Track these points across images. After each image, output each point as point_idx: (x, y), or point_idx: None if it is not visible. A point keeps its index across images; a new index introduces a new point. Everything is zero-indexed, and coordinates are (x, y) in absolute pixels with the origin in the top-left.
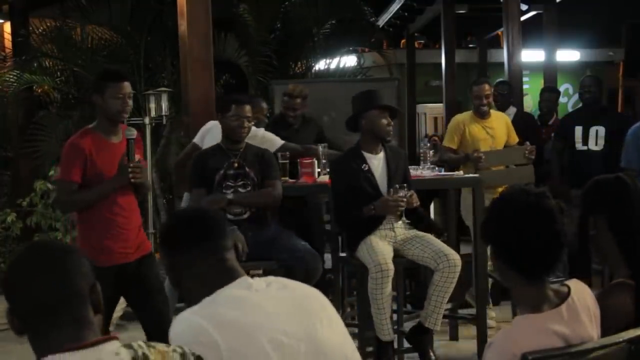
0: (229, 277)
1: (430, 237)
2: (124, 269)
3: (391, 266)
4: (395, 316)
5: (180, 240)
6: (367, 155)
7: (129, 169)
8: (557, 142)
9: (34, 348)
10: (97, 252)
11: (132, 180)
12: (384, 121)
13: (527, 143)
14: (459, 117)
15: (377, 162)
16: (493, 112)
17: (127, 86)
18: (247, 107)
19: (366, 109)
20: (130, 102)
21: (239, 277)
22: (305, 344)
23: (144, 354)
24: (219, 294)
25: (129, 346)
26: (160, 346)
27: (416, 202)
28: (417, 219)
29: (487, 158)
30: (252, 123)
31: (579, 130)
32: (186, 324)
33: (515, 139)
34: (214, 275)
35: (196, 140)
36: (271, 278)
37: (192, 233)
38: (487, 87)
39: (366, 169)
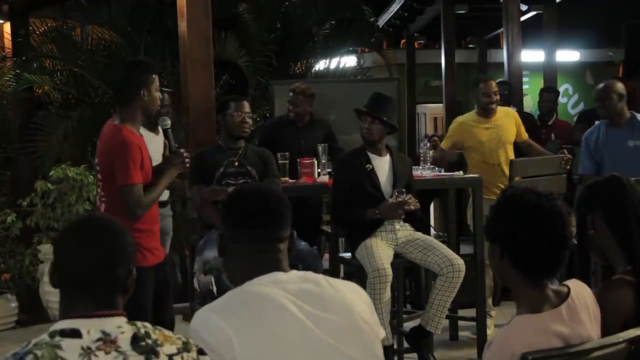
0: (267, 268)
1: (433, 240)
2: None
3: (389, 272)
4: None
5: (239, 217)
6: (372, 156)
7: (179, 158)
8: None
9: (61, 304)
10: (146, 251)
11: (186, 167)
12: (361, 125)
13: (565, 152)
14: (460, 119)
15: (382, 164)
16: (500, 109)
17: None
18: (246, 103)
19: (358, 114)
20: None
21: (276, 270)
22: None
23: (146, 332)
24: (245, 288)
25: (132, 323)
26: (166, 331)
27: (415, 205)
28: (415, 221)
29: (523, 167)
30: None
31: None
32: (204, 319)
33: (525, 135)
34: (255, 264)
35: None
36: (303, 274)
37: (252, 215)
38: (494, 83)
39: (370, 169)
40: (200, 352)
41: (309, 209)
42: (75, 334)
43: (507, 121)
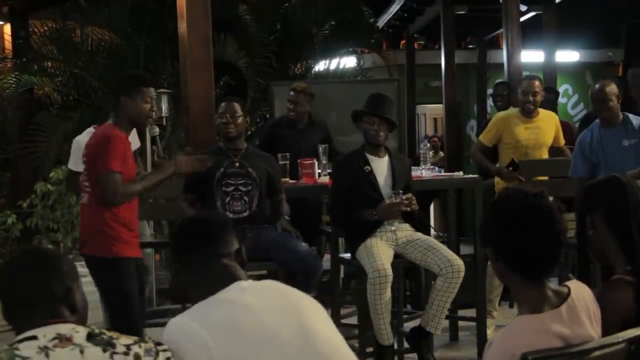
0: (226, 281)
1: (433, 240)
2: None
3: (390, 272)
4: (395, 317)
5: (183, 244)
6: (370, 157)
7: (178, 161)
8: None
9: (15, 331)
10: (123, 243)
11: (183, 171)
12: (368, 127)
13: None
14: (503, 114)
15: (380, 166)
16: (542, 111)
17: (151, 91)
18: (232, 105)
19: (355, 117)
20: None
21: (236, 281)
22: (299, 340)
23: (100, 331)
24: (212, 298)
25: (86, 326)
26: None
27: (414, 205)
28: (414, 220)
29: (532, 168)
30: (240, 119)
31: None
32: (178, 326)
33: (562, 141)
34: (214, 279)
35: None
36: (266, 282)
37: (194, 238)
38: (537, 83)
39: (368, 170)
40: (158, 343)
41: (308, 209)
42: (31, 338)
43: (547, 124)
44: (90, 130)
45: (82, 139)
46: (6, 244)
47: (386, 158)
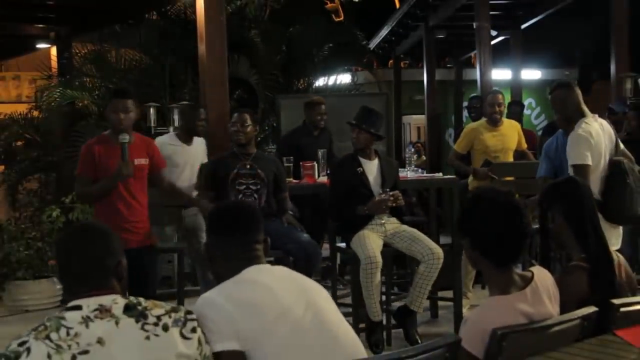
0: (249, 264)
1: (417, 232)
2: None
3: (379, 259)
4: (384, 297)
5: (220, 227)
6: (362, 160)
7: (122, 168)
8: None
9: (64, 296)
10: None
11: (124, 173)
12: (353, 136)
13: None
14: (472, 125)
15: (371, 167)
16: (506, 120)
17: (121, 102)
18: (243, 115)
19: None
20: (125, 116)
21: (256, 264)
22: (310, 315)
23: (138, 301)
24: (235, 278)
25: (126, 297)
26: (157, 301)
27: (400, 201)
28: (400, 215)
29: (502, 170)
30: (249, 128)
31: None
32: (207, 301)
33: (524, 145)
34: (239, 262)
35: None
36: (278, 267)
37: (231, 223)
38: (500, 96)
39: (360, 171)
40: (188, 312)
41: (312, 207)
42: (77, 308)
43: (511, 131)
44: (172, 134)
45: (161, 140)
46: (52, 234)
47: (376, 161)
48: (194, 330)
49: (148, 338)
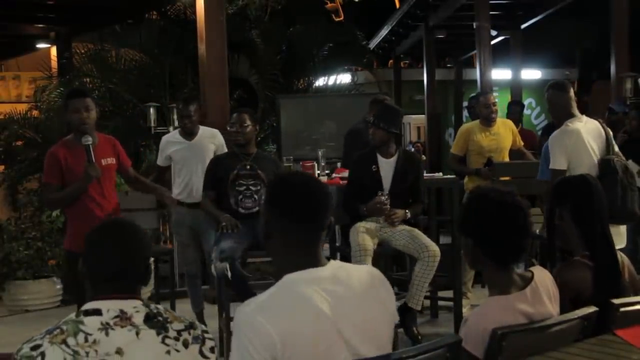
0: (306, 261)
1: (414, 230)
2: None
3: (369, 247)
4: None
5: (290, 210)
6: (379, 157)
7: (90, 170)
8: None
9: (88, 292)
10: (79, 237)
11: (93, 178)
12: (370, 133)
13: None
14: (466, 126)
15: (387, 165)
16: (499, 119)
17: (81, 101)
18: (241, 116)
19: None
20: (87, 114)
21: (314, 266)
22: (363, 347)
23: (158, 312)
24: (287, 285)
25: (147, 305)
26: (175, 312)
27: (397, 219)
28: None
29: (504, 169)
30: (249, 129)
31: None
32: (250, 319)
33: (520, 143)
34: (298, 252)
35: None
36: (336, 265)
37: (304, 209)
38: (491, 96)
39: (375, 169)
40: (205, 331)
41: None
42: (96, 312)
43: (505, 130)
44: (175, 131)
45: (164, 138)
46: (51, 234)
47: (393, 158)
48: (212, 350)
49: (169, 353)
